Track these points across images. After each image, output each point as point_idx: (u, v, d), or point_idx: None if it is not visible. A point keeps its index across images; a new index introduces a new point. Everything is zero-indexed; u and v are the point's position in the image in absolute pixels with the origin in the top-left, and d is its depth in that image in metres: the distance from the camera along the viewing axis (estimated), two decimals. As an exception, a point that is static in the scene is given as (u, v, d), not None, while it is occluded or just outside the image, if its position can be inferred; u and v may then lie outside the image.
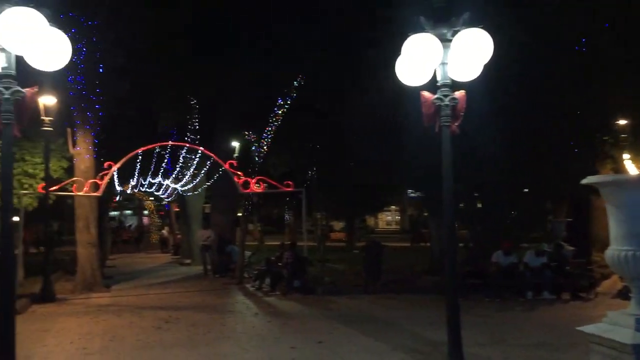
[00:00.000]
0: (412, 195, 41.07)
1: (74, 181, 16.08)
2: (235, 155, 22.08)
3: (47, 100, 14.64)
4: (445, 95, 6.17)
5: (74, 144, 16.72)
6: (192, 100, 20.68)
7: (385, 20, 9.59)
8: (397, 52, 6.28)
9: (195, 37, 17.56)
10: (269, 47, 17.75)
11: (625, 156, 20.25)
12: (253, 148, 19.09)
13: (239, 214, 23.50)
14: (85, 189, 15.73)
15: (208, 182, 21.45)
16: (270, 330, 10.48)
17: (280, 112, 18.24)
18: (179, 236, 32.03)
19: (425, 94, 6.30)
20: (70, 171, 17.58)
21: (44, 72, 5.36)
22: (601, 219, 21.21)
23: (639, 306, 5.07)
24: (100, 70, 15.89)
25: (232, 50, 17.89)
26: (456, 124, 6.34)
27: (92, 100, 16.20)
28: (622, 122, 18.32)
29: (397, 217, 67.70)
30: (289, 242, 16.86)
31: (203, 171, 20.76)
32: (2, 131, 4.97)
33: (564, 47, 12.27)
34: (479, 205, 17.33)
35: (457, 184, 14.56)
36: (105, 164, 15.93)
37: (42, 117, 14.73)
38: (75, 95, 15.96)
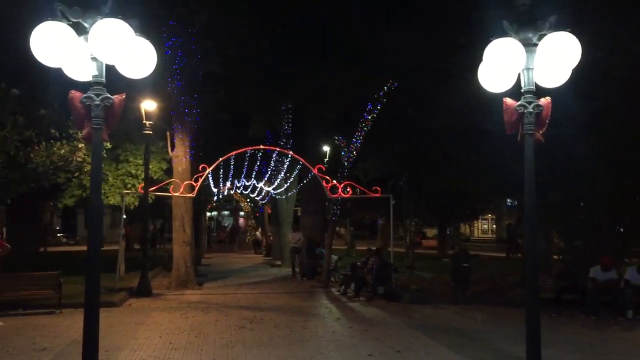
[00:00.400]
0: (510, 203, 39.65)
1: (170, 182, 16.89)
2: (326, 159, 22.36)
3: (148, 106, 15.49)
4: (529, 102, 5.89)
5: (173, 147, 17.56)
6: (284, 106, 21.10)
7: (472, 23, 9.33)
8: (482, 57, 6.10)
9: (287, 43, 17.90)
10: (358, 51, 17.79)
11: None
12: (342, 153, 19.18)
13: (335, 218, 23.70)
14: (181, 190, 16.47)
15: (298, 185, 21.78)
16: (350, 336, 10.46)
17: (369, 117, 18.18)
18: (271, 238, 32.76)
19: (508, 100, 6.05)
20: (169, 173, 18.52)
21: (145, 79, 5.70)
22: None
23: None
24: (199, 77, 16.62)
25: (321, 55, 18.05)
26: (541, 132, 6.06)
27: (189, 105, 16.96)
28: None
29: (493, 226, 65.56)
30: (375, 248, 16.77)
31: (293, 175, 21.13)
32: (92, 135, 5.31)
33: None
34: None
35: (553, 194, 14.00)
36: (200, 167, 16.59)
37: (144, 122, 15.62)
38: (174, 101, 16.79)
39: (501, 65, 5.87)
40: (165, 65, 16.42)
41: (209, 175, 17.58)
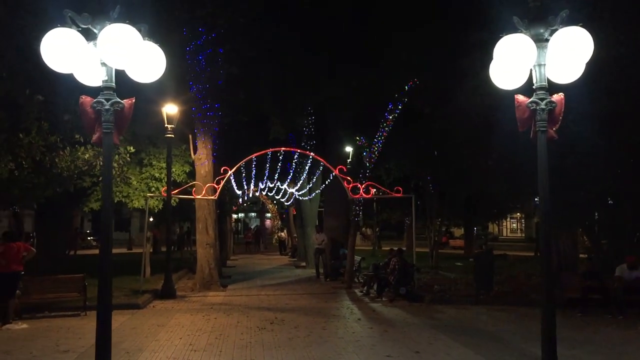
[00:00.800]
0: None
1: (193, 185, 17.05)
2: (349, 160, 22.33)
3: (170, 109, 15.66)
4: (542, 99, 5.80)
5: (195, 150, 17.73)
6: (305, 107, 21.14)
7: (486, 21, 9.20)
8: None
9: (307, 44, 17.91)
10: (378, 51, 17.72)
11: None
12: (364, 153, 19.13)
13: (357, 219, 23.67)
14: (203, 192, 16.62)
15: (322, 186, 21.78)
16: (370, 336, 10.42)
17: (390, 117, 18.12)
18: (296, 239, 32.86)
19: (520, 97, 5.97)
20: (192, 175, 18.69)
21: (168, 83, 5.78)
22: None
23: None
24: (220, 82, 16.76)
25: (341, 55, 18.04)
26: (554, 128, 5.95)
27: (211, 108, 17.11)
28: None
29: (522, 225, 64.64)
30: (397, 249, 16.68)
31: (315, 176, 21.15)
32: (103, 140, 5.39)
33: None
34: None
35: (577, 193, 13.73)
36: (222, 169, 16.71)
37: (166, 125, 15.80)
38: (196, 104, 16.96)
39: (512, 61, 5.79)
40: (187, 69, 16.64)
41: (231, 178, 17.67)
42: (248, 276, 21.94)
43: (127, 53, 5.18)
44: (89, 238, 46.88)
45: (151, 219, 38.75)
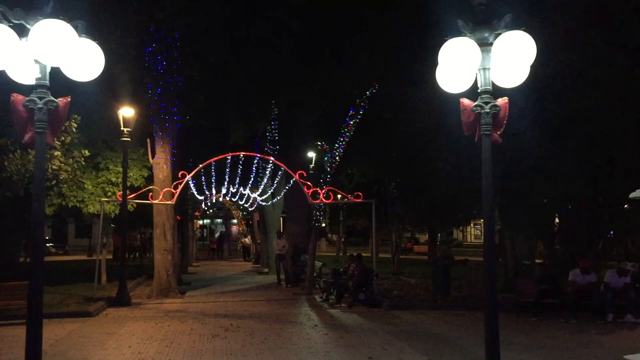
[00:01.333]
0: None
1: (149, 189, 16.74)
2: (311, 165, 22.24)
3: (126, 112, 15.34)
4: (486, 103, 5.80)
5: (154, 154, 17.41)
6: (267, 111, 21.01)
7: (438, 26, 9.23)
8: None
9: (269, 48, 17.81)
10: (340, 56, 17.73)
11: None
12: (325, 158, 19.08)
13: (317, 224, 23.58)
14: (160, 197, 16.32)
15: (283, 192, 21.63)
16: (325, 343, 10.32)
17: (352, 122, 18.11)
18: (259, 245, 32.60)
19: (465, 101, 5.96)
20: (151, 180, 18.36)
21: (125, 84, 5.58)
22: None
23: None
24: (180, 83, 16.53)
25: (303, 60, 17.98)
26: (499, 132, 5.97)
27: (170, 111, 16.84)
28: None
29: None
30: (356, 254, 16.64)
31: (276, 181, 21.00)
32: (36, 140, 5.18)
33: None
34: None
35: (532, 198, 13.91)
36: (180, 174, 16.46)
37: (122, 128, 15.47)
38: (154, 107, 16.69)
39: (456, 65, 5.79)
40: (145, 71, 16.37)
41: (190, 183, 17.40)
42: (208, 283, 21.63)
43: (61, 50, 4.99)
44: (47, 245, 45.77)
45: (112, 225, 38.18)
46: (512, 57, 5.64)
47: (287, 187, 20.08)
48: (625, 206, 15.85)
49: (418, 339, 10.58)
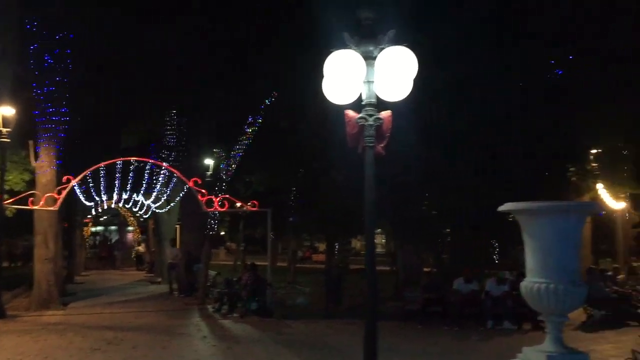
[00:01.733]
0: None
1: (30, 194, 15.71)
2: (208, 173, 21.80)
3: (6, 111, 14.34)
4: (370, 115, 5.90)
5: (37, 157, 16.37)
6: (162, 115, 20.43)
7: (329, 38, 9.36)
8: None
9: (165, 51, 17.31)
10: (239, 64, 17.55)
11: (599, 185, 20.10)
12: (222, 166, 18.80)
13: (212, 232, 23.13)
14: (41, 202, 15.36)
15: (177, 199, 21.03)
16: (212, 355, 10.08)
17: (250, 130, 17.98)
18: (154, 253, 31.55)
19: (349, 113, 6.03)
20: (33, 184, 17.22)
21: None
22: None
23: (553, 343, 4.78)
24: (67, 84, 15.71)
25: (201, 65, 17.62)
26: (381, 145, 6.08)
27: (56, 112, 15.93)
28: (594, 150, 18.19)
29: (383, 240, 67.18)
30: (250, 263, 16.47)
31: (170, 188, 20.40)
32: None
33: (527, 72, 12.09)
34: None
35: (422, 209, 14.42)
36: (64, 178, 15.58)
37: (0, 128, 14.43)
38: (39, 107, 15.73)
39: (342, 77, 5.85)
40: (29, 70, 15.43)
41: (76, 188, 16.47)
42: (96, 293, 20.56)
43: None
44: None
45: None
46: (395, 71, 5.77)
47: (181, 194, 19.55)
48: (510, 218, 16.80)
49: (307, 348, 10.59)
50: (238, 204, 16.93)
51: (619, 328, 12.46)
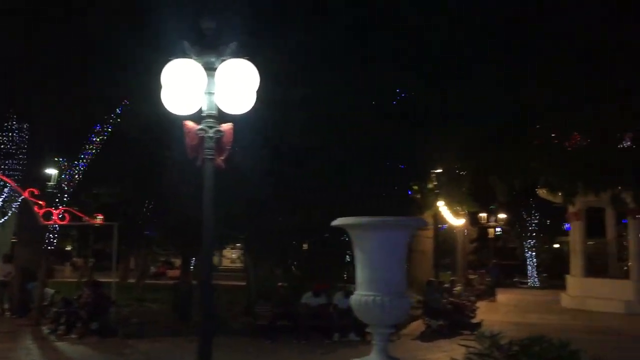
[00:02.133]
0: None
1: None
2: (50, 183, 20.28)
3: None
4: (210, 127, 5.79)
5: None
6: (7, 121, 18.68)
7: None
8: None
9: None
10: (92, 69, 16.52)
11: (440, 203, 21.59)
12: (63, 176, 17.58)
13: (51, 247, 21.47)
14: None
15: (10, 212, 19.27)
16: (39, 381, 9.27)
17: (98, 139, 17.01)
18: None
19: (189, 123, 5.87)
20: None
21: None
22: (419, 260, 22.34)
23: (379, 354, 4.95)
24: None
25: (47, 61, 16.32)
26: (222, 158, 5.99)
27: None
28: (438, 170, 19.50)
29: (233, 255, 66.80)
30: (90, 280, 15.50)
31: (1, 198, 18.68)
32: None
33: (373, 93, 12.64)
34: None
35: (275, 224, 14.48)
36: None
37: None
38: None
39: (181, 87, 5.69)
40: None
41: None
42: None
43: None
44: None
45: None
46: (236, 84, 5.72)
47: (14, 206, 17.96)
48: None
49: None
50: (86, 219, 15.96)
51: (453, 337, 13.29)
